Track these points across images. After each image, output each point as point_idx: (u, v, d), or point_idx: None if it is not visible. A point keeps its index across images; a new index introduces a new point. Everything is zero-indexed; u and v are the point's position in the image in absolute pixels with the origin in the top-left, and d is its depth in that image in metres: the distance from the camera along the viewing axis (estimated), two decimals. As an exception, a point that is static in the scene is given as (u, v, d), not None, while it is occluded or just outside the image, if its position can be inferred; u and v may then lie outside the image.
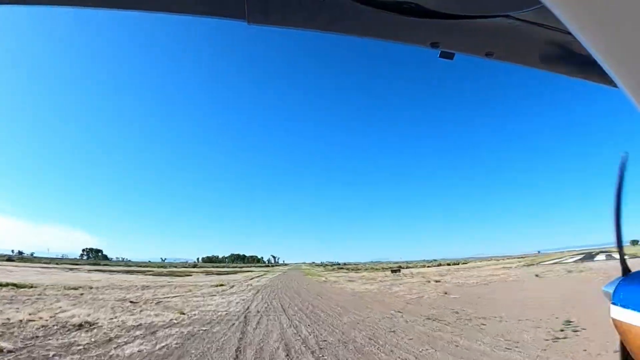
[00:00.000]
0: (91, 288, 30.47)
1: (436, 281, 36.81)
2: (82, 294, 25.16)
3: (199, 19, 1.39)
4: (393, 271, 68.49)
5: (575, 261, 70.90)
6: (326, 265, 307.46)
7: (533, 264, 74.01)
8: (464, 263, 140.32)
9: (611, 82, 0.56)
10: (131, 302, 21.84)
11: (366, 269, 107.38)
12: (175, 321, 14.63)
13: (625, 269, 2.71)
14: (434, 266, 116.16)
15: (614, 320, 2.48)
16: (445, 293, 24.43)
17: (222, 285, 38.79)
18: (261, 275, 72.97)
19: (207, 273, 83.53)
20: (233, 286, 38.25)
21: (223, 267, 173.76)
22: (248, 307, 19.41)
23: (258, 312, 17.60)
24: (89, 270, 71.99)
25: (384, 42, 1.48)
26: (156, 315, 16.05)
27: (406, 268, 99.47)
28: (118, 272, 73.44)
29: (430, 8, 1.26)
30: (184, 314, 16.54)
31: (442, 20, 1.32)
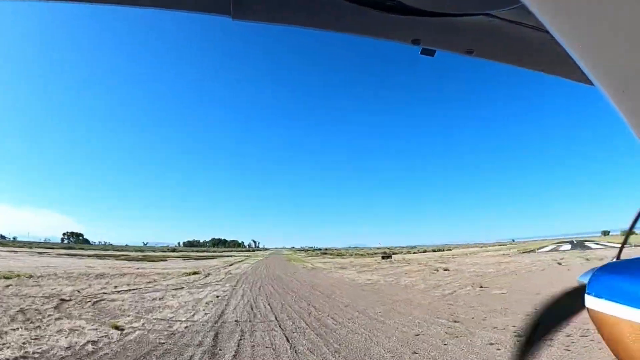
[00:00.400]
0: (30, 277, 23.96)
1: (445, 269, 31.38)
2: (8, 286, 18.81)
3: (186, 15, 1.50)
4: (384, 257, 63.34)
5: (570, 249, 67.64)
6: (307, 250, 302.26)
7: (529, 251, 70.32)
8: (448, 249, 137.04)
9: (587, 80, 0.56)
10: (62, 299, 15.47)
11: (351, 255, 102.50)
12: (87, 350, 8.29)
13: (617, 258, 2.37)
14: (419, 252, 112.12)
15: (588, 309, 2.12)
16: (481, 287, 18.71)
17: (195, 273, 32.43)
18: (242, 261, 66.86)
19: (185, 258, 77.12)
20: (209, 274, 32.08)
21: (203, 251, 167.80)
22: (222, 312, 13.12)
23: (237, 322, 11.40)
24: (59, 255, 65.68)
25: (370, 40, 1.50)
26: (69, 332, 9.61)
27: (392, 254, 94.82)
28: (89, 256, 66.80)
29: (412, 6, 1.29)
30: (118, 328, 10.17)
31: (424, 17, 1.34)
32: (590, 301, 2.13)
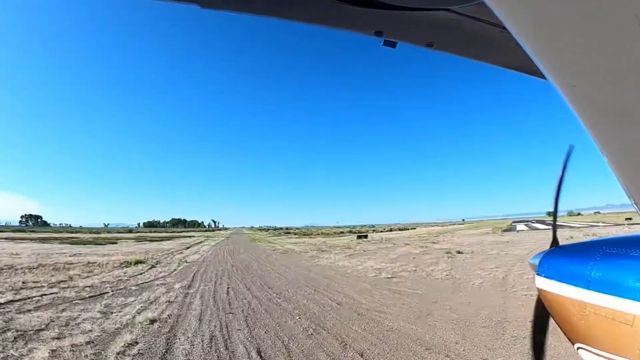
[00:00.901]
0: None
1: (458, 252, 24.81)
2: None
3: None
4: (360, 237, 56.85)
5: (545, 228, 64.79)
6: (267, 229, 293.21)
7: (509, 230, 66.44)
8: (412, 228, 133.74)
9: (540, 75, 0.59)
10: None
11: (317, 234, 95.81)
12: None
13: (555, 242, 3.16)
14: (386, 231, 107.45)
15: (538, 289, 2.92)
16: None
17: (139, 262, 24.12)
18: (201, 242, 58.31)
19: (139, 240, 67.69)
20: (157, 263, 23.78)
21: (162, 232, 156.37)
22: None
23: None
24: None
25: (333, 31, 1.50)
26: None
27: (358, 233, 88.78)
28: (32, 239, 58.04)
29: None
30: None
31: (387, 10, 1.34)
32: (540, 281, 2.89)
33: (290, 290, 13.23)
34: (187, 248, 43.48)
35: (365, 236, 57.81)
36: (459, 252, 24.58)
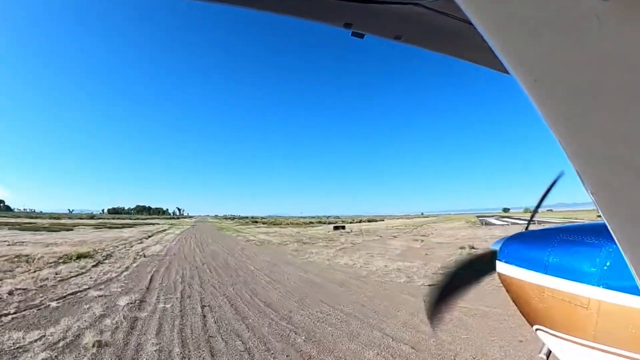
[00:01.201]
0: None
1: (461, 248, 21.07)
2: None
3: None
4: (337, 227, 52.58)
5: (521, 223, 63.55)
6: (233, 218, 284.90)
7: (488, 224, 64.34)
8: (381, 220, 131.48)
9: (504, 70, 0.60)
10: None
11: (287, 224, 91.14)
12: None
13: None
14: (355, 222, 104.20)
15: (499, 274, 3.11)
16: None
17: (84, 256, 18.62)
18: (164, 231, 52.51)
19: (98, 227, 61.52)
20: (107, 258, 18.41)
21: (125, 219, 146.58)
22: None
23: None
24: None
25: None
26: None
27: (328, 224, 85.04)
28: None
29: None
30: None
31: (356, 3, 1.35)
32: (500, 266, 3.08)
33: (304, 315, 8.39)
34: (149, 237, 37.98)
35: (343, 227, 53.63)
36: (472, 247, 20.69)
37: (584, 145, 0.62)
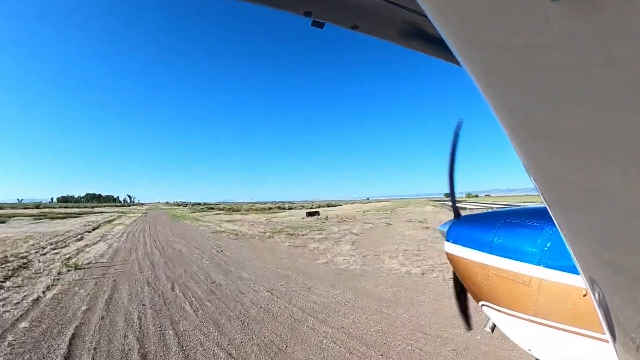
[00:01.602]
0: None
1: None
2: None
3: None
4: (310, 214, 46.30)
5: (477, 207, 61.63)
6: (185, 204, 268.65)
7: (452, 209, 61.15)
8: (339, 205, 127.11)
9: (457, 62, 0.61)
10: None
11: (247, 210, 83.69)
12: None
13: (457, 214, 3.49)
14: (314, 207, 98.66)
15: (447, 253, 3.25)
16: None
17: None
18: (113, 220, 44.04)
19: (39, 217, 51.74)
20: (11, 275, 11.12)
21: (74, 207, 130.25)
22: None
23: None
24: None
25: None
26: None
27: (288, 209, 79.05)
28: None
29: None
30: None
31: None
32: (448, 247, 3.22)
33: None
34: (93, 229, 30.00)
35: (317, 213, 47.44)
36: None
37: (529, 137, 0.64)
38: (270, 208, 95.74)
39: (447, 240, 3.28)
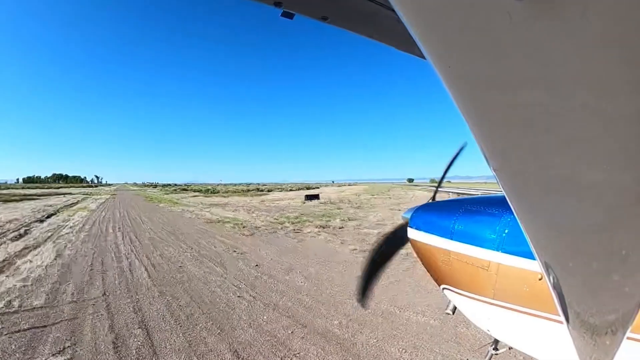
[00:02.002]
0: None
1: None
2: None
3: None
4: (310, 197, 39.53)
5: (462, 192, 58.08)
6: (155, 185, 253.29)
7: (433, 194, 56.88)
8: (316, 187, 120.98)
9: (422, 55, 0.60)
10: None
11: (226, 192, 75.97)
12: None
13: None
14: (294, 190, 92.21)
15: (410, 239, 3.26)
16: None
17: None
18: (77, 203, 35.92)
19: None
20: None
21: (36, 189, 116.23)
22: None
23: None
24: None
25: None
26: None
27: (267, 192, 72.38)
28: None
29: None
30: None
31: None
32: (412, 233, 3.23)
33: None
34: (48, 217, 22.41)
35: (317, 197, 40.73)
36: None
37: (489, 128, 0.65)
38: (248, 190, 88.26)
39: (410, 226, 3.30)
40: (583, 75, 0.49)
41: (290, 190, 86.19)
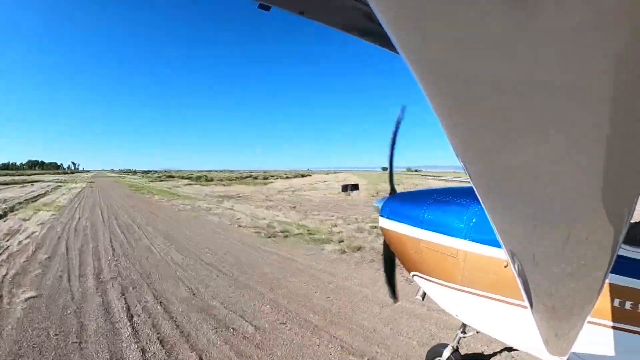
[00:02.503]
0: None
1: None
2: None
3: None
4: (347, 188, 30.99)
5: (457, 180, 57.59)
6: (135, 172, 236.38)
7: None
8: (308, 175, 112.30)
9: (395, 50, 0.60)
10: None
11: (220, 179, 66.55)
12: None
13: (393, 191, 3.55)
14: (283, 178, 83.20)
15: (381, 228, 3.36)
16: None
17: None
18: (41, 197, 25.71)
19: None
20: None
21: (6, 175, 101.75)
22: None
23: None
24: None
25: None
26: None
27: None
28: None
29: None
30: None
31: None
32: (383, 222, 3.28)
33: None
34: None
35: (356, 186, 32.12)
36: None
37: (459, 121, 0.65)
38: (246, 177, 78.74)
39: (381, 215, 3.33)
40: (550, 74, 0.49)
41: (288, 177, 77.43)
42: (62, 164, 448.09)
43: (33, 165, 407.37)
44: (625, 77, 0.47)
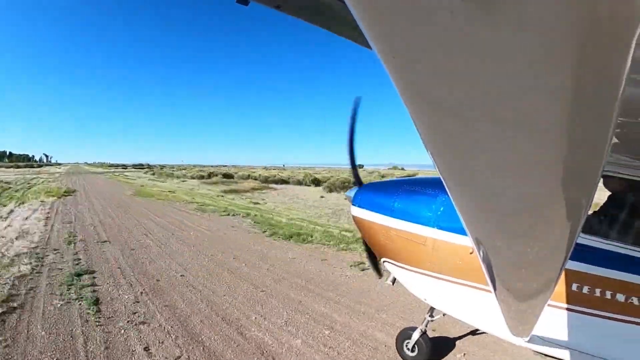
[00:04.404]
0: None
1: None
2: None
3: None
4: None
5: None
6: (117, 166, 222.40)
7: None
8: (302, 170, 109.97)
9: (368, 46, 0.61)
10: None
11: (225, 177, 63.36)
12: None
13: (359, 182, 3.56)
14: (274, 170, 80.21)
15: (353, 216, 3.36)
16: None
17: None
18: None
19: None
20: None
21: None
22: None
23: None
24: None
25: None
26: None
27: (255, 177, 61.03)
28: None
29: None
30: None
31: None
32: (354, 210, 3.29)
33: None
34: None
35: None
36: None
37: (427, 118, 0.65)
38: (216, 172, 74.56)
39: (353, 204, 3.34)
40: (514, 72, 0.49)
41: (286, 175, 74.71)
42: (33, 156, 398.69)
43: (0, 156, 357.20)
44: (582, 75, 0.48)
